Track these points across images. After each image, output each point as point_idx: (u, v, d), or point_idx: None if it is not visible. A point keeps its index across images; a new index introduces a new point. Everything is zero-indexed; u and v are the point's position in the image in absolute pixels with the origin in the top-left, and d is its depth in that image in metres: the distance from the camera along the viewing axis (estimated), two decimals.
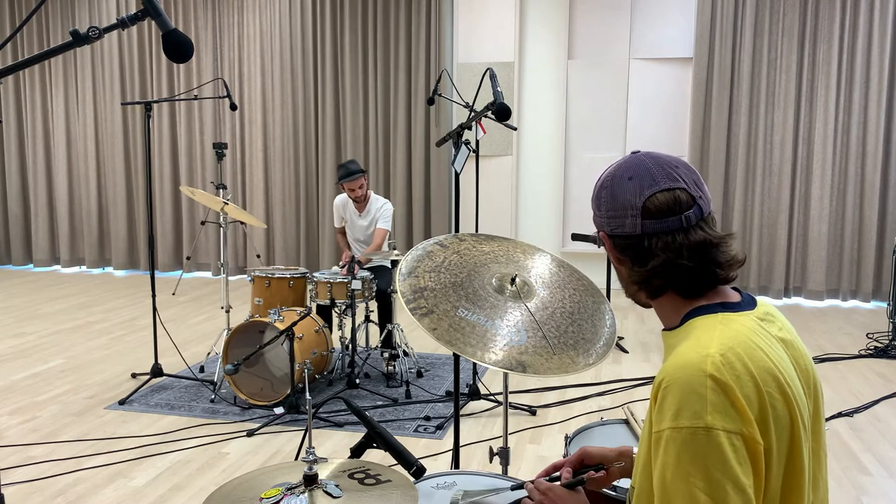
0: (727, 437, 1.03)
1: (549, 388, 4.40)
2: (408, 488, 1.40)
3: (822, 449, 1.21)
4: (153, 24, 7.51)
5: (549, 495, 1.36)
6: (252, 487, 1.42)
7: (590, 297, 1.98)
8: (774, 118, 6.70)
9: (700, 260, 1.17)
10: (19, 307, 6.54)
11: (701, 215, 1.19)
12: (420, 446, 3.53)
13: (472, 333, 1.71)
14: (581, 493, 1.37)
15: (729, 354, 1.08)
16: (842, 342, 5.42)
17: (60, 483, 3.14)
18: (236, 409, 4.00)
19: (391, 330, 4.55)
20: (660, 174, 1.20)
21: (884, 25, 6.39)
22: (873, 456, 3.44)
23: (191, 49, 1.39)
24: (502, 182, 7.21)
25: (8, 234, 8.76)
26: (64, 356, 5.02)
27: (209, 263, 8.21)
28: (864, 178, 6.60)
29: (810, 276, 6.73)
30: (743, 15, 6.63)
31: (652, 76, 6.91)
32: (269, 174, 7.89)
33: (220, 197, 4.44)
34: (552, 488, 1.37)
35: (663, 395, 1.09)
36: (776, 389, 1.08)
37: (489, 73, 3.08)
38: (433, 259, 1.92)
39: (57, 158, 8.38)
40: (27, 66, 1.27)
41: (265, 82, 7.76)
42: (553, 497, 1.35)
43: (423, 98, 7.29)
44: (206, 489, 3.09)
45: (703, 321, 1.17)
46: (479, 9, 7.08)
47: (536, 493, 1.38)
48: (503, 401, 2.36)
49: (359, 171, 4.70)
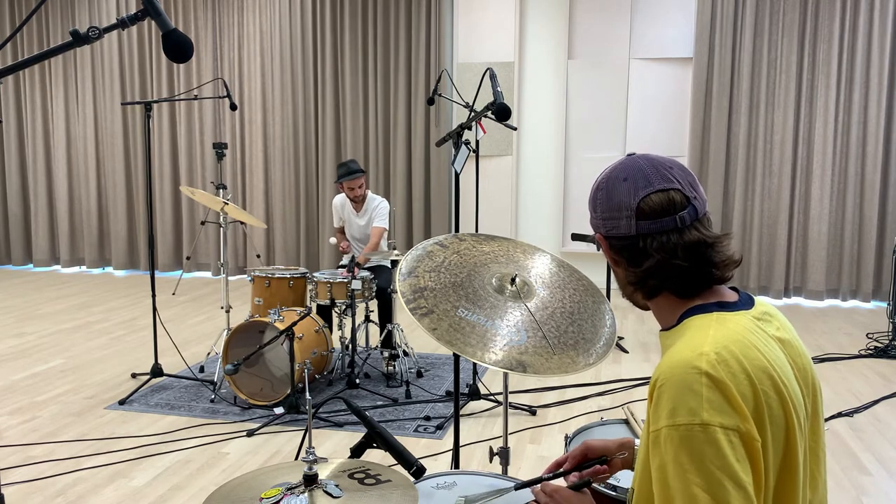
0: (724, 434, 1.03)
1: (549, 388, 4.40)
2: (408, 488, 1.40)
3: (822, 448, 1.22)
4: (153, 24, 7.51)
5: (556, 497, 1.36)
6: (252, 487, 1.42)
7: (590, 297, 1.98)
8: (774, 118, 6.70)
9: (695, 260, 1.18)
10: (19, 307, 6.54)
11: (696, 216, 1.19)
12: (420, 446, 3.53)
13: (472, 333, 1.71)
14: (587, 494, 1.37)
15: (724, 352, 1.08)
16: (842, 342, 5.42)
17: (60, 483, 3.14)
18: (236, 409, 4.01)
19: (391, 330, 4.55)
20: (654, 175, 1.21)
21: (884, 25, 6.39)
22: (873, 456, 3.44)
23: (191, 49, 1.39)
24: (502, 182, 7.21)
25: (8, 234, 8.76)
26: (64, 356, 5.02)
27: (209, 263, 8.21)
28: (864, 178, 6.60)
29: (810, 276, 6.73)
30: (743, 15, 6.63)
31: (652, 76, 6.91)
32: (269, 174, 7.89)
33: (220, 197, 4.44)
34: (559, 490, 1.36)
35: (659, 394, 1.09)
36: (771, 388, 1.09)
37: (489, 73, 3.08)
38: (433, 259, 1.92)
39: (57, 158, 8.38)
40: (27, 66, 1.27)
41: (265, 82, 7.76)
42: (559, 499, 1.35)
43: (423, 98, 7.29)
44: (206, 489, 3.10)
45: (698, 320, 1.17)
46: (479, 9, 7.08)
47: (543, 496, 1.38)
48: (503, 401, 2.36)
49: (359, 170, 4.72)
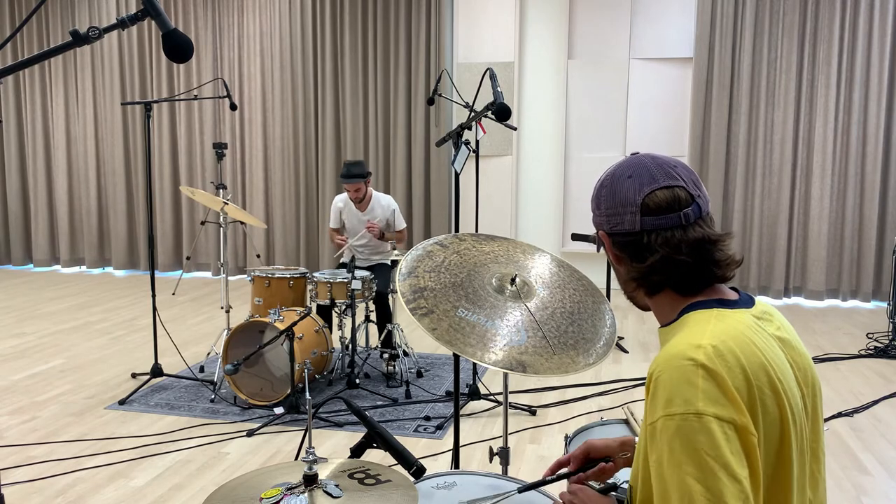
0: (719, 425, 1.03)
1: (549, 388, 4.40)
2: (408, 488, 1.40)
3: (821, 448, 1.22)
4: (153, 24, 7.51)
5: (580, 495, 1.36)
6: (252, 487, 1.42)
7: (590, 297, 1.98)
8: (774, 118, 6.70)
9: (698, 257, 1.18)
10: (19, 307, 6.54)
11: (699, 213, 1.20)
12: (420, 446, 3.53)
13: (472, 333, 1.71)
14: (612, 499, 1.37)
15: (721, 346, 1.08)
16: (842, 342, 5.42)
17: (60, 483, 3.14)
18: (236, 409, 4.01)
19: (391, 330, 4.55)
20: (659, 173, 1.22)
21: (884, 25, 6.39)
22: (873, 456, 3.44)
23: (191, 49, 1.39)
24: (502, 182, 7.21)
25: (8, 234, 8.76)
26: (64, 356, 5.02)
27: (209, 263, 8.21)
28: (864, 178, 6.60)
29: (810, 276, 6.73)
30: (743, 15, 6.63)
31: (652, 76, 6.91)
32: (269, 174, 7.89)
33: (220, 197, 4.44)
34: (583, 489, 1.36)
35: (655, 386, 1.10)
36: (767, 385, 1.09)
37: (489, 73, 3.08)
38: (433, 259, 1.92)
39: (57, 158, 8.38)
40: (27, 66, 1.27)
41: (265, 82, 7.76)
42: (584, 497, 1.35)
43: (423, 98, 7.29)
44: (206, 489, 3.10)
45: (697, 315, 1.18)
46: (479, 9, 7.08)
47: (566, 495, 1.38)
48: (503, 401, 2.36)
49: (358, 175, 4.60)
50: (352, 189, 4.70)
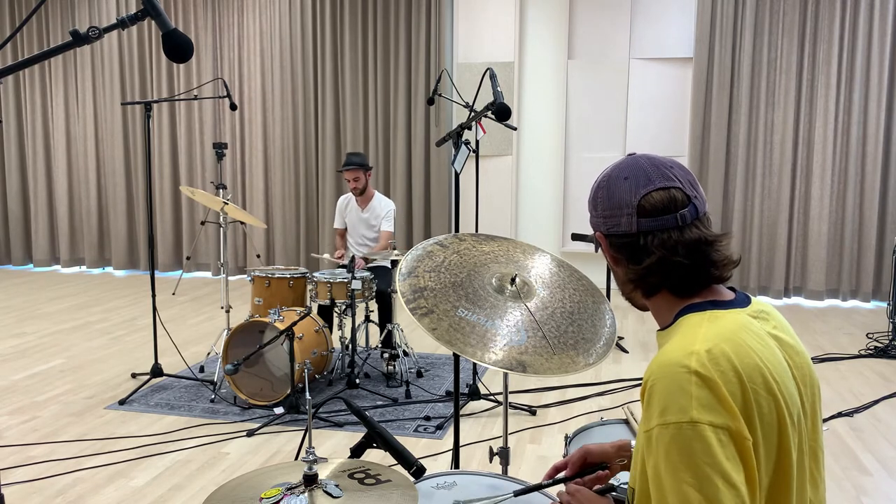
0: (713, 432, 1.03)
1: (549, 388, 4.40)
2: (408, 488, 1.40)
3: (820, 448, 1.22)
4: (153, 24, 7.51)
5: (578, 496, 1.36)
6: (252, 487, 1.42)
7: (590, 297, 1.98)
8: (774, 118, 6.70)
9: (695, 258, 1.18)
10: (19, 307, 6.54)
11: (696, 214, 1.20)
12: (420, 446, 3.53)
13: (472, 333, 1.71)
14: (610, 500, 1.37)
15: (714, 350, 1.08)
16: (842, 342, 5.42)
17: (60, 483, 3.14)
18: (236, 409, 4.01)
19: (391, 330, 4.55)
20: (655, 174, 1.21)
21: (884, 25, 6.39)
22: (873, 456, 3.44)
23: (191, 49, 1.39)
24: (502, 182, 7.21)
25: (8, 234, 8.76)
26: (64, 356, 5.02)
27: (209, 263, 8.21)
28: (864, 178, 6.60)
29: (810, 276, 6.73)
30: (743, 15, 6.63)
31: (652, 76, 6.91)
32: (269, 174, 7.89)
33: (220, 197, 4.44)
34: (581, 490, 1.37)
35: (650, 394, 1.10)
36: (762, 386, 1.08)
37: (489, 73, 3.08)
38: (433, 259, 1.92)
39: (57, 158, 8.38)
40: (27, 66, 1.27)
41: (265, 82, 7.76)
42: (581, 498, 1.35)
43: (423, 98, 7.29)
44: (206, 489, 3.09)
45: (691, 318, 1.18)
46: (479, 9, 7.08)
47: (565, 495, 1.38)
48: (503, 401, 2.36)
49: (356, 163, 4.69)
50: (350, 177, 4.72)
